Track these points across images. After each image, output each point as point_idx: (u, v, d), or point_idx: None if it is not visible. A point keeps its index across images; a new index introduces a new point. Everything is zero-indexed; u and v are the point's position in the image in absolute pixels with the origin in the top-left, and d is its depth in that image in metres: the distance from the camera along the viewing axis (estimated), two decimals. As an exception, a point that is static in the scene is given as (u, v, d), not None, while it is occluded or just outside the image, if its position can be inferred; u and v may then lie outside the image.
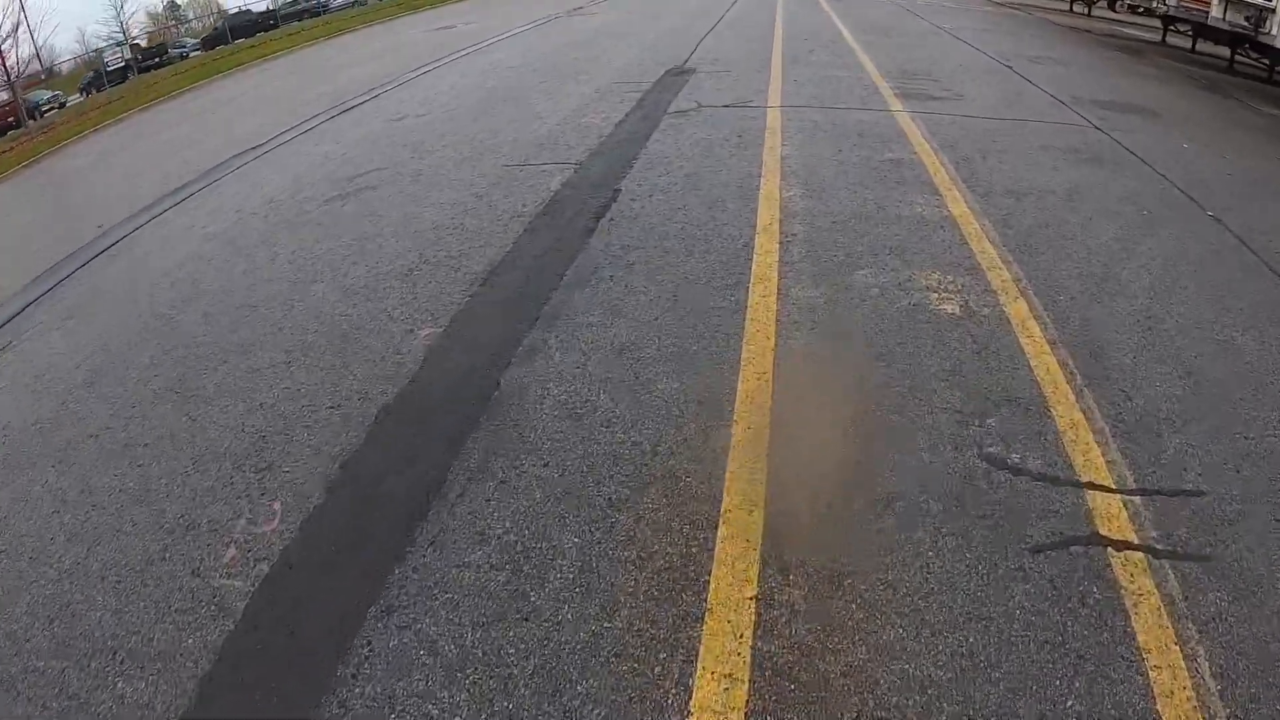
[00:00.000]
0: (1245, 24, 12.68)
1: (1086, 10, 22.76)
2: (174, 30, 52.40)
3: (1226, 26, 13.39)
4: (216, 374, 4.69)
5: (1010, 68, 12.35)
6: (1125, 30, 20.18)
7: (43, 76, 40.93)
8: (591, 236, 5.98)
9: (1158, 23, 20.11)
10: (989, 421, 3.72)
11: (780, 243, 5.71)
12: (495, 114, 10.03)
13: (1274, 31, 12.13)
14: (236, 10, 43.15)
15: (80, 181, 14.63)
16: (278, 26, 37.93)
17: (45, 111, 30.42)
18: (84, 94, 33.03)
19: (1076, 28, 19.71)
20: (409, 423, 4.00)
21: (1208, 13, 14.02)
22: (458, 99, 11.34)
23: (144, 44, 43.50)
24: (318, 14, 41.85)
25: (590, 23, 19.00)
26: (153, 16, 60.61)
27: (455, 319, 4.94)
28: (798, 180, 6.84)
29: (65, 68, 43.10)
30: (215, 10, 56.52)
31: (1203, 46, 15.99)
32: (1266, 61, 13.31)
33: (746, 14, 18.95)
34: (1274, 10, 11.99)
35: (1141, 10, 19.68)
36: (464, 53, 16.10)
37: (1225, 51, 14.79)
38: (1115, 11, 22.42)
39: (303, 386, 4.39)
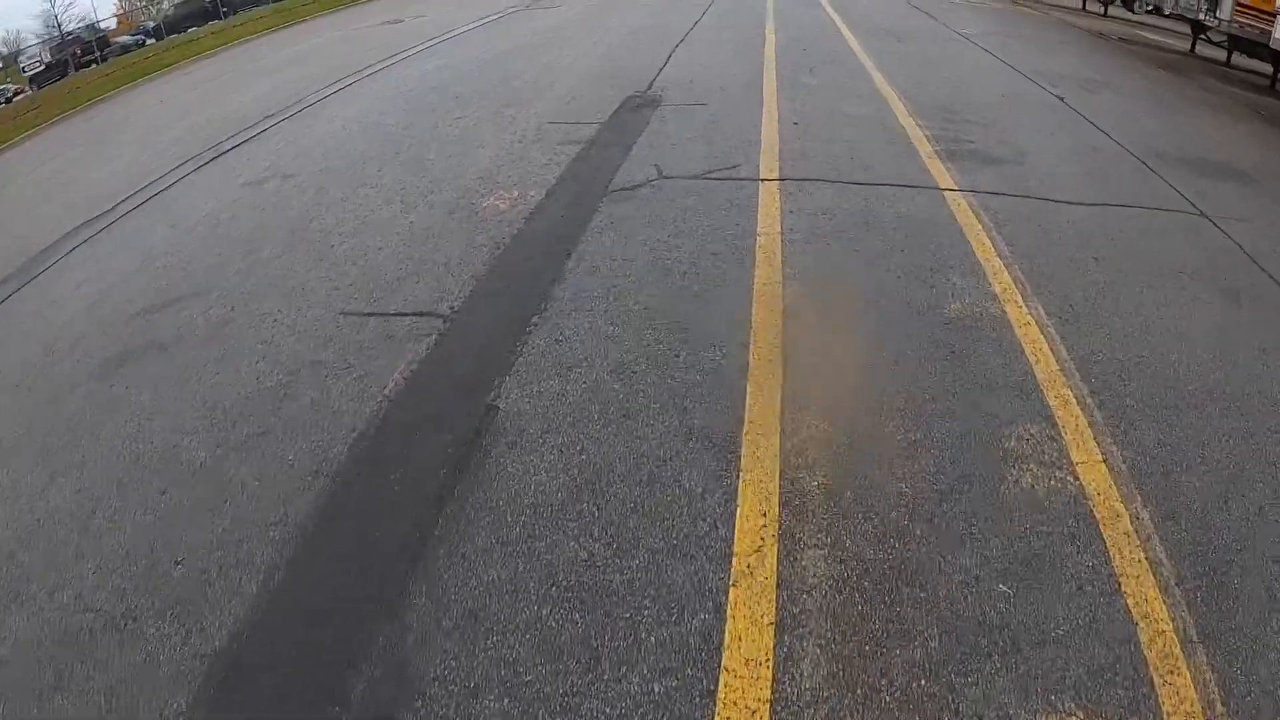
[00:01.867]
0: None
1: (1103, 10, 19.57)
2: (145, 12, 47.99)
3: None
4: None
5: (1063, 100, 9.19)
6: (1147, 35, 17.05)
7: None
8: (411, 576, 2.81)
9: (1174, 24, 17.39)
10: None
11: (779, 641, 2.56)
12: (374, 180, 6.75)
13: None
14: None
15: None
16: (233, 13, 33.92)
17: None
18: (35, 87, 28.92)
19: (1100, 32, 16.52)
20: None
21: (1270, 33, 11.03)
22: (344, 146, 8.01)
23: (115, 26, 39.41)
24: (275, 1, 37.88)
25: (549, 19, 15.52)
26: (123, -3, 55.89)
27: None
28: (815, 403, 3.65)
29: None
30: None
31: (1235, 59, 13.64)
32: None
33: (731, 10, 15.56)
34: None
35: (1169, 14, 16.43)
36: (392, 60, 12.69)
37: (1259, 65, 12.53)
38: (1133, 13, 19.15)
39: None
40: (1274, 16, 10.86)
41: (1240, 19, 11.88)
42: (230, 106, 11.43)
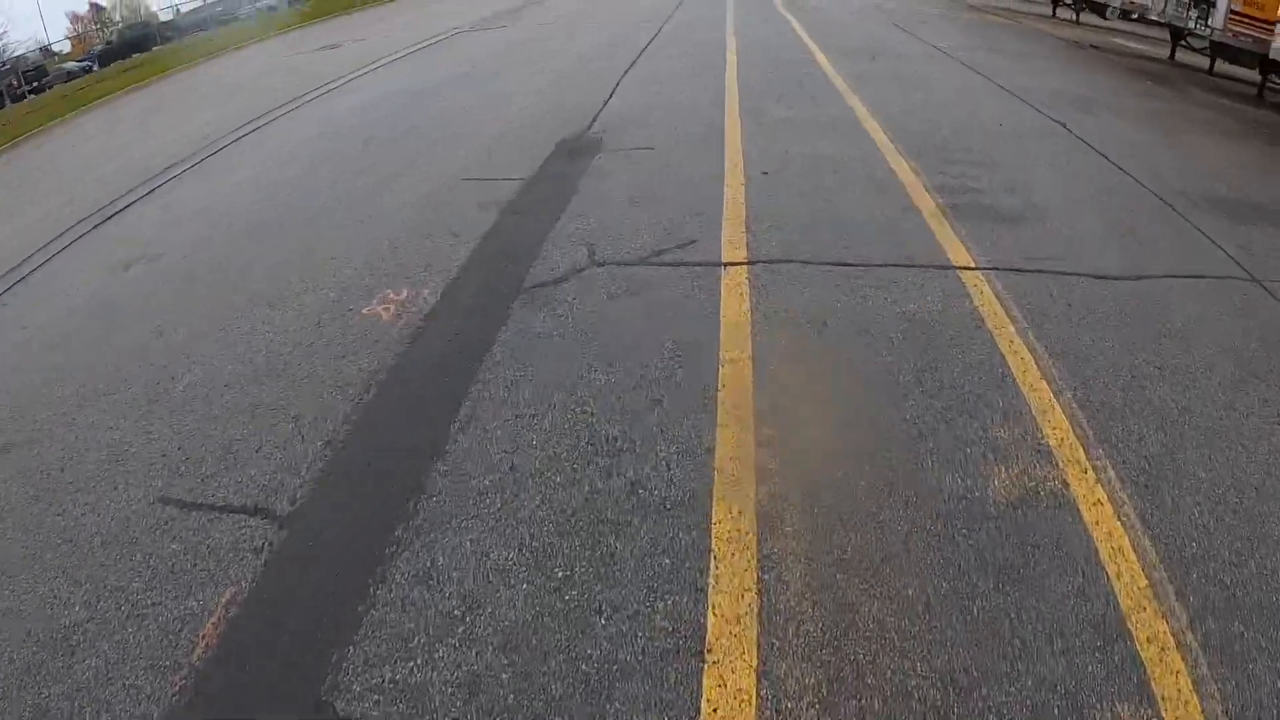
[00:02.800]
0: None
1: (1075, 18, 18.49)
2: (98, 35, 45.74)
3: None
4: None
5: (1065, 126, 7.92)
6: (1124, 43, 15.95)
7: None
8: None
9: (1146, 29, 16.45)
10: None
11: None
12: (246, 267, 5.26)
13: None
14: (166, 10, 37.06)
15: None
16: (170, 40, 32.00)
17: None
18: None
19: (1077, 42, 15.38)
20: None
21: (1269, 43, 9.90)
22: (230, 214, 6.51)
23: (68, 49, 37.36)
24: (223, 24, 36.01)
25: (493, 41, 14.04)
26: (79, 20, 53.33)
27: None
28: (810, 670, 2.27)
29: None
30: (142, 13, 49.38)
31: (1217, 66, 12.55)
32: None
33: (689, 27, 14.18)
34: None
35: (1154, 21, 15.31)
36: (319, 93, 11.17)
37: (1241, 72, 11.68)
38: (1105, 19, 18.07)
39: None
40: (1274, 25, 9.70)
41: (1235, 28, 10.72)
42: (138, 153, 9.91)
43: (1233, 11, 10.53)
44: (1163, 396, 3.50)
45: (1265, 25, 10.01)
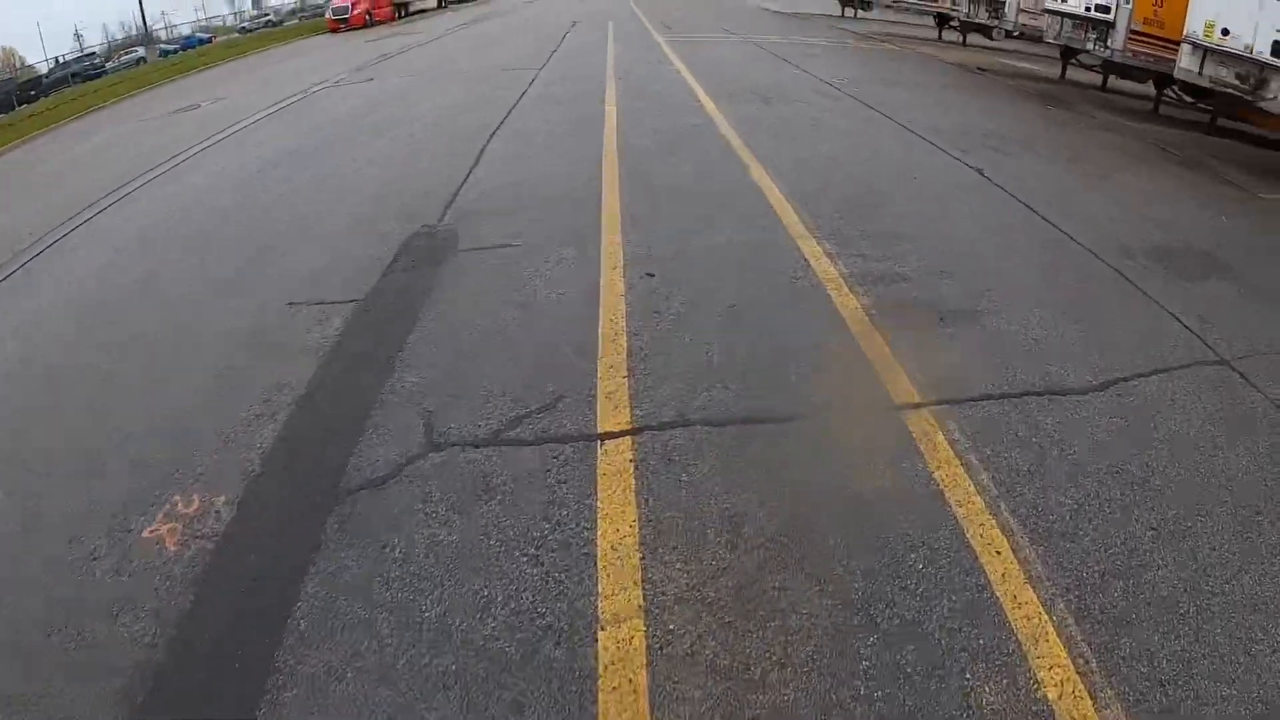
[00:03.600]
0: (1238, 84, 8.21)
1: (961, 40, 18.39)
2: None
3: (1206, 84, 8.92)
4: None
5: (982, 174, 7.15)
6: (1015, 64, 15.79)
7: None
8: None
9: (1032, 47, 16.49)
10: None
11: None
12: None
13: (1280, 97, 7.65)
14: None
15: None
16: (38, 98, 29.16)
17: None
18: None
19: (965, 64, 15.07)
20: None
21: (1173, 63, 9.59)
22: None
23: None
24: (93, 77, 33.27)
25: (352, 101, 12.57)
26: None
27: None
28: None
29: None
30: (17, 67, 45.03)
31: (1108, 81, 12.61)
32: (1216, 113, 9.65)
33: (567, 74, 13.13)
34: (1282, 70, 7.55)
35: (1017, 36, 15.15)
36: (151, 175, 9.50)
37: (1131, 86, 11.90)
38: (991, 39, 18.00)
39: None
40: (1178, 44, 9.29)
41: (1136, 48, 10.35)
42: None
43: (1133, 32, 10.15)
44: (1170, 585, 2.55)
45: (1169, 44, 9.67)
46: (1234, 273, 5.38)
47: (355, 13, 27.94)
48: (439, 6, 35.51)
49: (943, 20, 18.66)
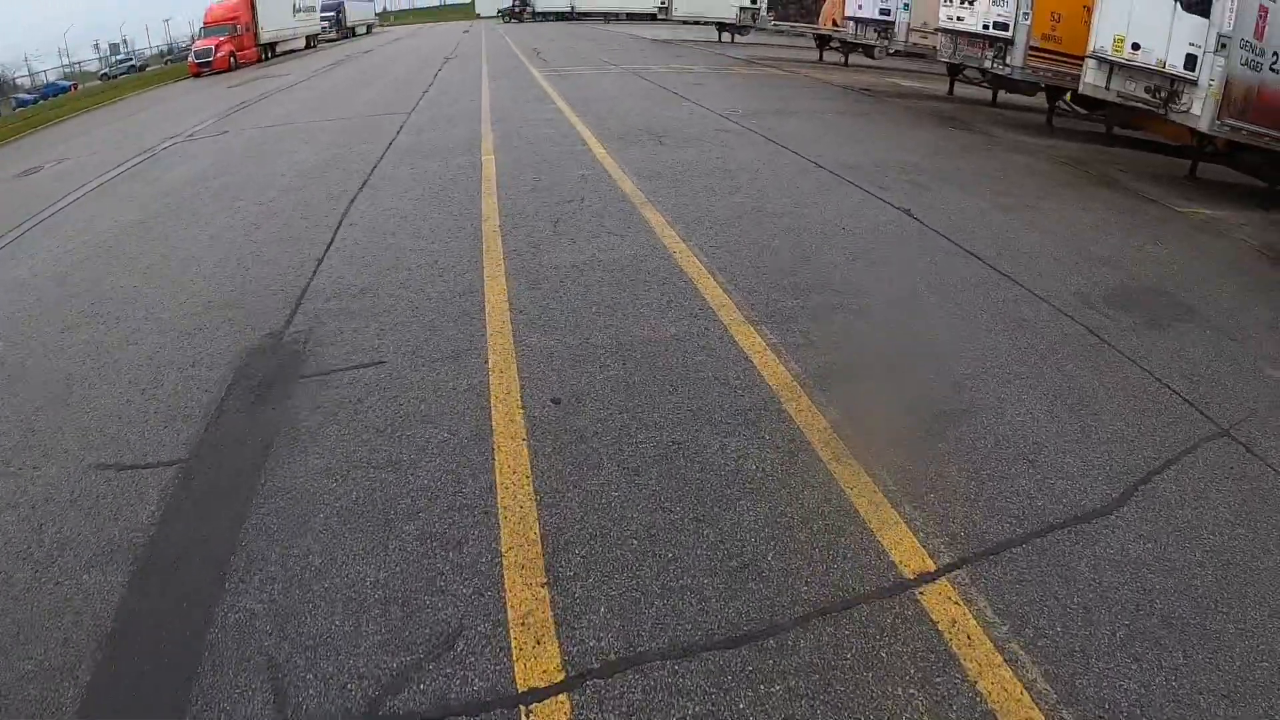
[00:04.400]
0: (1148, 98, 8.00)
1: (844, 60, 18.30)
2: None
3: (1114, 99, 8.74)
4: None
5: (911, 214, 6.49)
6: (901, 83, 15.72)
7: None
8: None
9: (910, 63, 16.62)
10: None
11: None
12: None
13: (1195, 110, 7.44)
14: None
15: None
16: None
17: None
18: None
19: (852, 86, 14.81)
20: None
21: (1076, 78, 9.46)
22: None
23: None
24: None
25: (200, 162, 10.77)
26: None
27: None
28: None
29: None
30: None
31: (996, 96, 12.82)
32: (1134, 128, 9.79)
33: (441, 113, 11.96)
34: (1194, 83, 7.31)
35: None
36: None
37: (1016, 99, 12.12)
38: (874, 59, 17.97)
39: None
40: (1080, 60, 9.04)
41: (1035, 64, 10.14)
42: None
43: (1032, 48, 9.92)
44: None
45: (1070, 59, 9.48)
46: (1194, 311, 5.03)
47: (219, 55, 25.89)
48: (308, 46, 33.53)
49: (823, 41, 18.52)
